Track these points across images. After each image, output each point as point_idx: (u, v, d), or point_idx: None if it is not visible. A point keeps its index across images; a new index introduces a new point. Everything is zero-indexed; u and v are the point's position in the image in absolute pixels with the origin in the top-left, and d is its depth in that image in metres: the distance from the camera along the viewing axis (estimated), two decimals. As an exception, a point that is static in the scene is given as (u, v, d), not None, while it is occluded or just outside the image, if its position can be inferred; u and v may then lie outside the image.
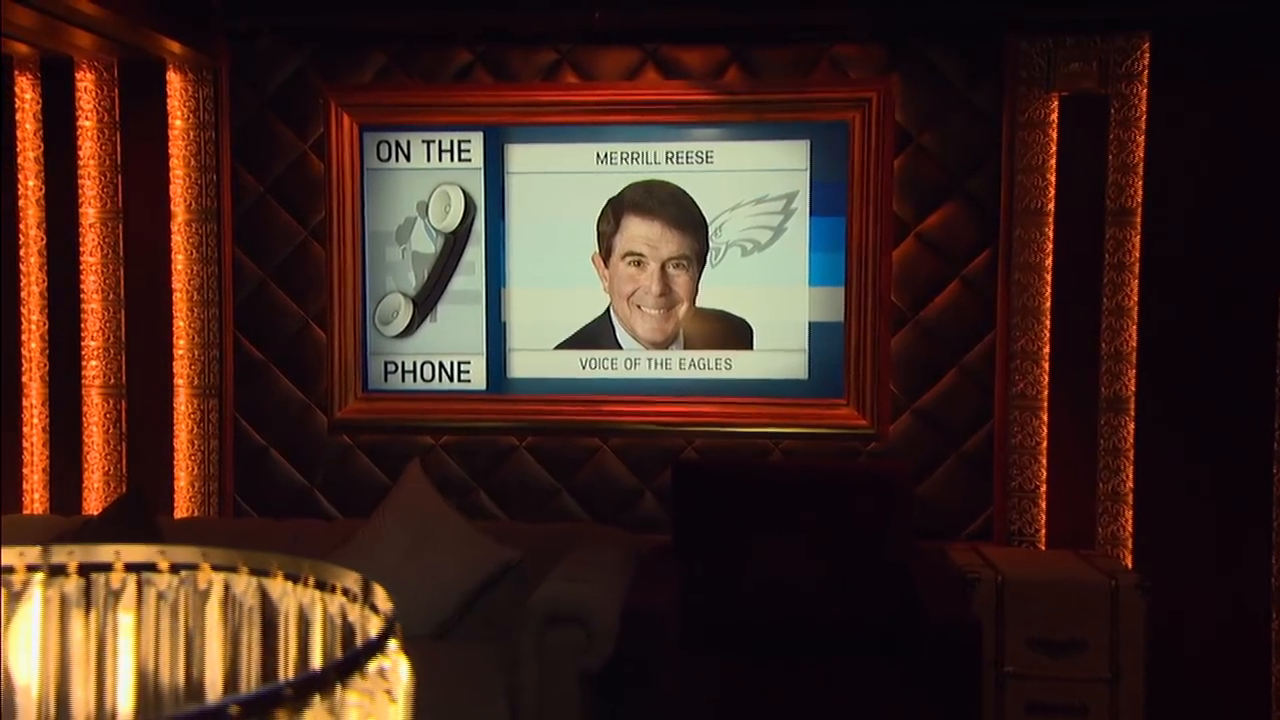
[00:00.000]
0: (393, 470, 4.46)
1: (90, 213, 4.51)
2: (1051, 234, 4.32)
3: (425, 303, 4.52)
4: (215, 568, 0.89)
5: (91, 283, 4.53)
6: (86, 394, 4.56)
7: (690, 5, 4.30)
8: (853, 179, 4.33)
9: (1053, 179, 4.31)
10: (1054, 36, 4.25)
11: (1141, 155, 4.27)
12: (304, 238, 4.54)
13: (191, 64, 4.45)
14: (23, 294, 4.55)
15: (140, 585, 0.90)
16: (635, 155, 4.42)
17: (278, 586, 0.88)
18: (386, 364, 4.55)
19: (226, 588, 0.89)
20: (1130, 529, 4.31)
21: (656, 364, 4.48)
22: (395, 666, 0.71)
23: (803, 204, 4.38)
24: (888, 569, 3.99)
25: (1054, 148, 4.30)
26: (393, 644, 0.73)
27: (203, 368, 4.57)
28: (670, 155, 4.41)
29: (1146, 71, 4.25)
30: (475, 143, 4.46)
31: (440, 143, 4.47)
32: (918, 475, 4.34)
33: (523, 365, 4.52)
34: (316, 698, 0.63)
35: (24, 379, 4.57)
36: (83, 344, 4.55)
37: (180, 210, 4.52)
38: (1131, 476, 4.30)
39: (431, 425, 4.53)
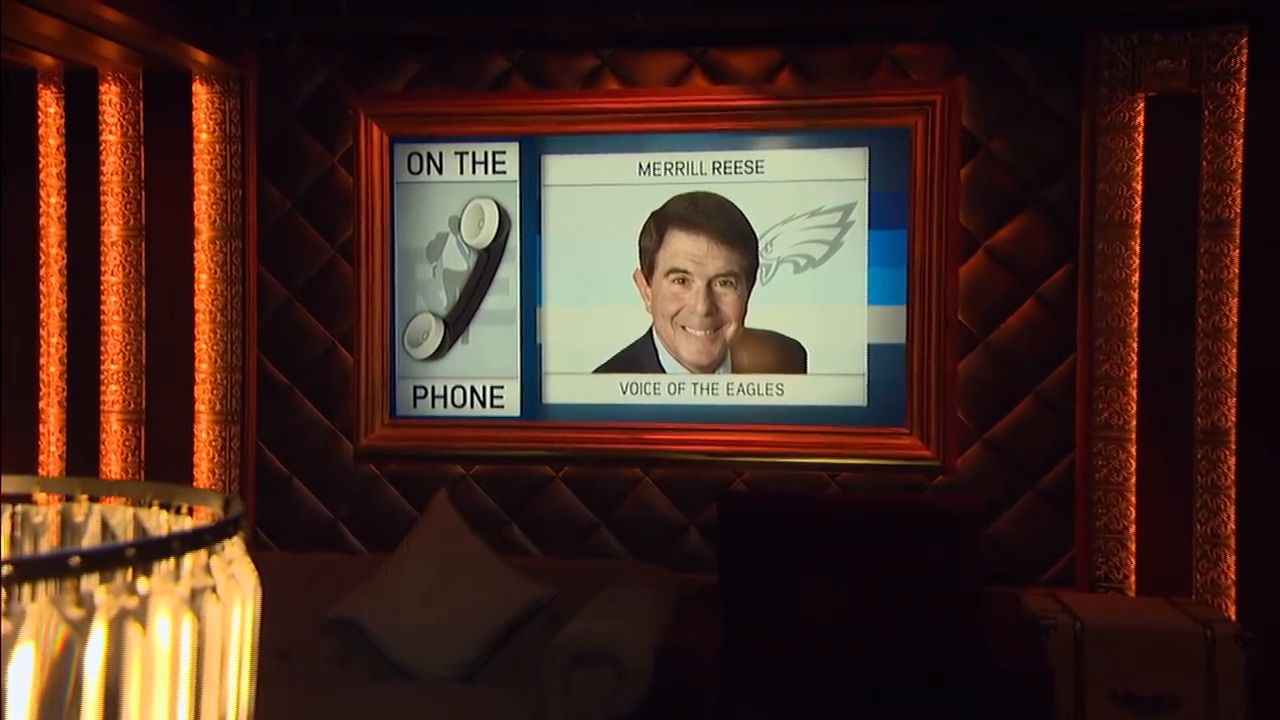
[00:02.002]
0: (421, 501, 4.51)
1: (113, 230, 4.68)
2: (1138, 248, 4.25)
3: (457, 323, 4.59)
4: (93, 499, 0.93)
5: (112, 303, 4.69)
6: (105, 420, 4.71)
7: (739, 5, 4.35)
8: (915, 189, 4.31)
9: (1139, 188, 4.25)
10: (1139, 31, 4.21)
11: (1240, 160, 4.19)
12: (331, 255, 4.66)
13: (218, 74, 4.61)
14: (42, 315, 4.73)
15: (15, 518, 0.94)
16: (680, 166, 4.46)
17: (153, 517, 0.91)
18: (416, 388, 4.62)
19: (104, 522, 0.92)
20: (1232, 575, 4.19)
21: (702, 389, 4.48)
22: (240, 562, 0.75)
23: (861, 216, 4.38)
24: (952, 614, 3.92)
25: (1140, 153, 4.25)
26: (238, 539, 0.77)
27: (225, 392, 4.69)
28: (718, 165, 4.44)
29: (1245, 68, 4.18)
30: (511, 154, 4.54)
31: (474, 154, 4.57)
32: (988, 513, 4.27)
33: (559, 390, 4.55)
34: (159, 564, 0.67)
35: (41, 404, 4.74)
36: (102, 367, 4.70)
37: (205, 227, 4.67)
38: (1233, 517, 4.18)
39: (462, 454, 4.58)
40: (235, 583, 0.73)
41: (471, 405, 4.59)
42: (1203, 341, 4.21)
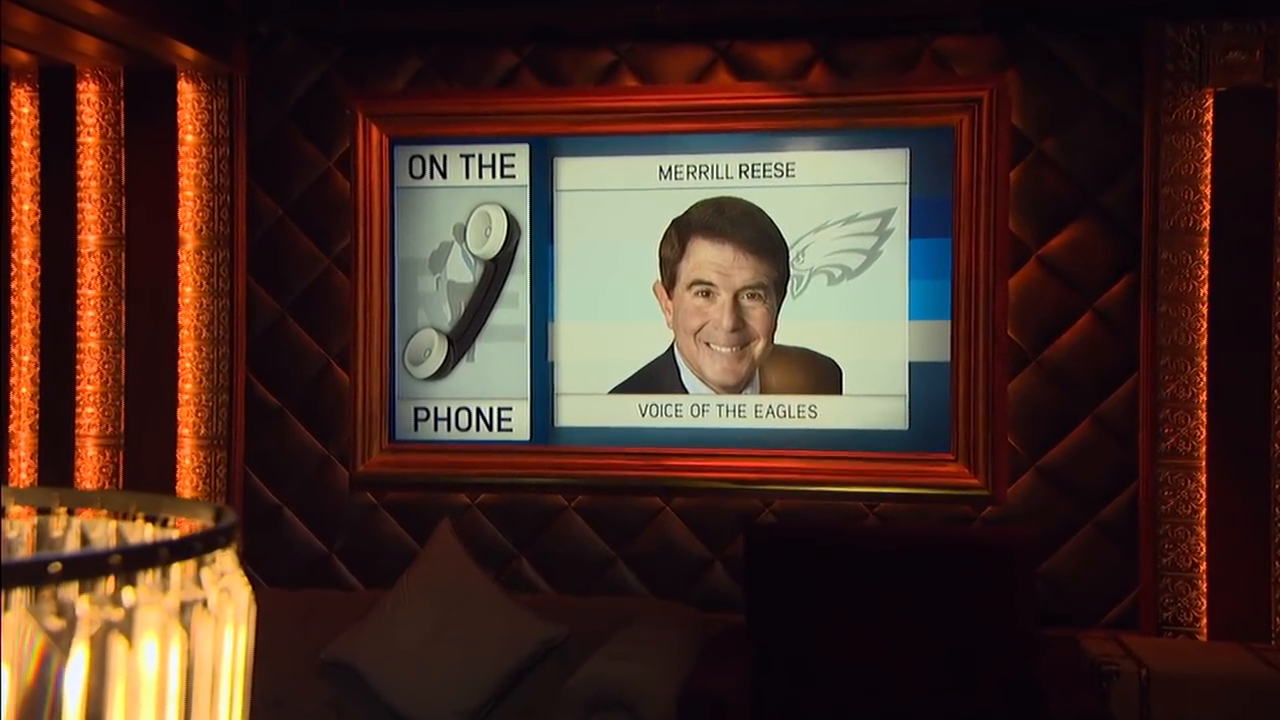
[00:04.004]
0: (422, 533, 4.51)
1: (90, 239, 4.71)
2: (1207, 258, 4.24)
3: (462, 340, 4.60)
4: (71, 512, 0.93)
5: (89, 319, 4.72)
6: (80, 445, 4.73)
7: (768, -5, 4.39)
8: (960, 194, 4.31)
9: (1208, 191, 4.24)
10: (1207, 21, 4.22)
11: (1321, 161, 4.18)
12: (326, 266, 4.68)
13: (205, 72, 4.65)
14: (12, 331, 4.76)
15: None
16: (704, 169, 4.47)
17: (138, 531, 0.91)
18: (417, 410, 4.64)
19: (84, 537, 0.93)
20: (1317, 618, 4.15)
21: (728, 411, 4.48)
22: (234, 574, 0.75)
23: (901, 223, 4.38)
24: (1004, 659, 3.90)
25: (1209, 154, 4.24)
26: (230, 550, 0.77)
27: (211, 415, 4.71)
28: (745, 169, 4.45)
29: (1324, 60, 4.18)
30: (520, 156, 4.56)
31: (481, 157, 4.59)
32: (1043, 548, 4.25)
33: (573, 412, 4.56)
34: (145, 573, 0.67)
35: (11, 428, 4.76)
36: (78, 388, 4.72)
37: (190, 236, 4.70)
38: (1317, 553, 4.16)
39: (467, 481, 4.59)
40: (228, 596, 0.73)
41: (477, 428, 4.60)
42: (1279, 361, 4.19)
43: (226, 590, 0.73)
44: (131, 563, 0.67)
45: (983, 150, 4.30)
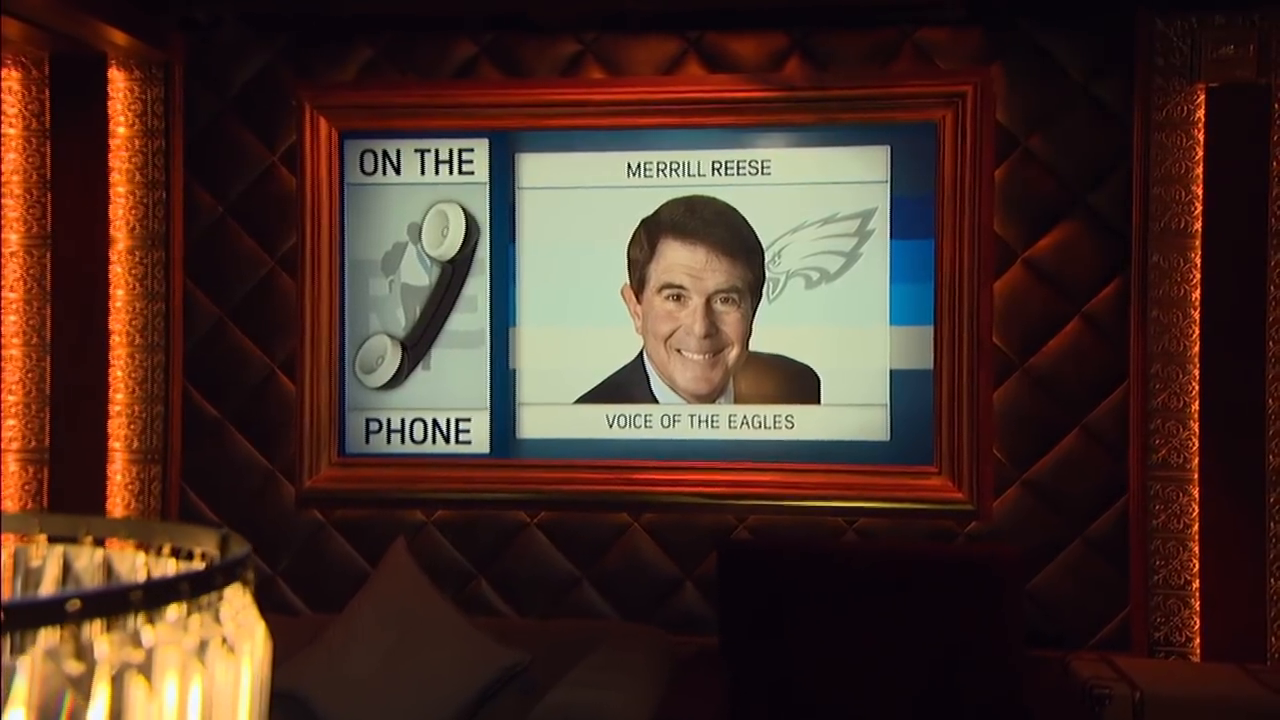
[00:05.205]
0: (374, 553, 4.47)
1: (12, 239, 4.63)
2: (1199, 260, 4.28)
3: (417, 347, 4.57)
4: (53, 539, 0.91)
5: (11, 323, 4.64)
6: (1, 460, 4.64)
7: (742, -18, 4.39)
8: (943, 193, 4.34)
9: (1200, 191, 4.28)
10: (1198, 13, 4.26)
11: (1316, 160, 4.24)
12: (270, 268, 4.64)
13: (138, 58, 4.59)
14: (-70, 336, 4.67)
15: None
16: (675, 166, 4.47)
17: (126, 559, 0.89)
18: (369, 421, 4.60)
19: (66, 564, 0.90)
20: (1316, 637, 4.21)
21: (700, 422, 4.48)
22: (248, 609, 0.73)
23: (882, 224, 4.40)
24: (990, 682, 3.92)
25: (1201, 152, 4.28)
26: (244, 583, 0.75)
27: (144, 427, 4.65)
28: (718, 166, 4.46)
29: (1320, 55, 4.24)
30: (479, 152, 4.54)
31: (437, 152, 4.56)
32: (1029, 565, 4.27)
33: (535, 423, 4.54)
34: (167, 609, 0.65)
35: (-72, 440, 4.67)
36: None
37: (122, 235, 4.64)
38: (1313, 569, 4.21)
39: (422, 497, 4.56)
40: (245, 632, 0.71)
41: (434, 441, 4.57)
42: (1274, 368, 4.24)
43: (243, 626, 0.71)
44: (153, 598, 0.64)
45: (967, 147, 4.32)
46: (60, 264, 4.66)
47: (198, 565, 0.86)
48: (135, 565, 0.88)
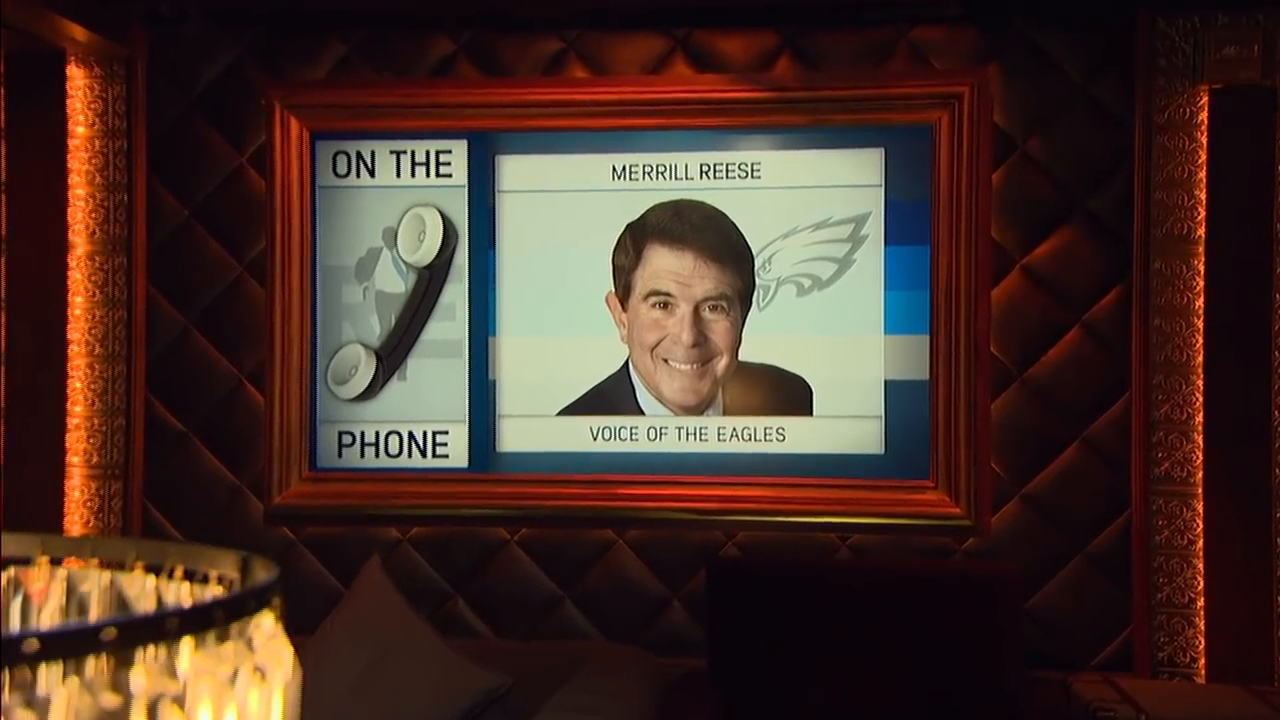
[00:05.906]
0: (347, 572, 4.43)
1: (-33, 243, 4.59)
2: (1203, 267, 4.30)
3: (392, 356, 4.55)
4: (55, 561, 0.88)
5: (-35, 332, 4.58)
6: (-45, 474, 4.59)
7: (730, -22, 4.39)
8: (939, 197, 4.34)
9: (1203, 196, 4.30)
10: (1201, 13, 4.28)
11: (1325, 164, 4.27)
12: (238, 274, 4.60)
13: (99, 55, 4.55)
14: (-121, 345, 4.61)
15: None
16: (661, 169, 4.46)
17: (135, 583, 0.86)
18: (341, 435, 4.57)
19: (69, 588, 0.87)
20: (1324, 657, 4.22)
21: (688, 434, 4.46)
22: (279, 636, 0.70)
23: (875, 229, 4.39)
24: (989, 704, 3.93)
25: (1204, 156, 4.30)
26: (273, 608, 0.72)
27: (104, 441, 4.60)
28: (706, 169, 4.45)
29: (1328, 56, 4.27)
30: (458, 153, 4.52)
31: (413, 154, 4.54)
32: (1029, 583, 4.27)
33: (516, 436, 4.52)
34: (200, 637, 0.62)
35: (-124, 454, 4.61)
36: (-48, 410, 4.59)
37: (81, 240, 4.59)
38: (1324, 588, 4.23)
39: (398, 513, 4.53)
40: (276, 659, 0.69)
41: (410, 454, 4.54)
42: (1280, 378, 4.27)
43: (274, 654, 0.69)
44: (189, 625, 0.62)
45: (963, 150, 4.33)
46: (16, 270, 4.61)
47: (215, 590, 0.83)
48: (145, 590, 0.85)
